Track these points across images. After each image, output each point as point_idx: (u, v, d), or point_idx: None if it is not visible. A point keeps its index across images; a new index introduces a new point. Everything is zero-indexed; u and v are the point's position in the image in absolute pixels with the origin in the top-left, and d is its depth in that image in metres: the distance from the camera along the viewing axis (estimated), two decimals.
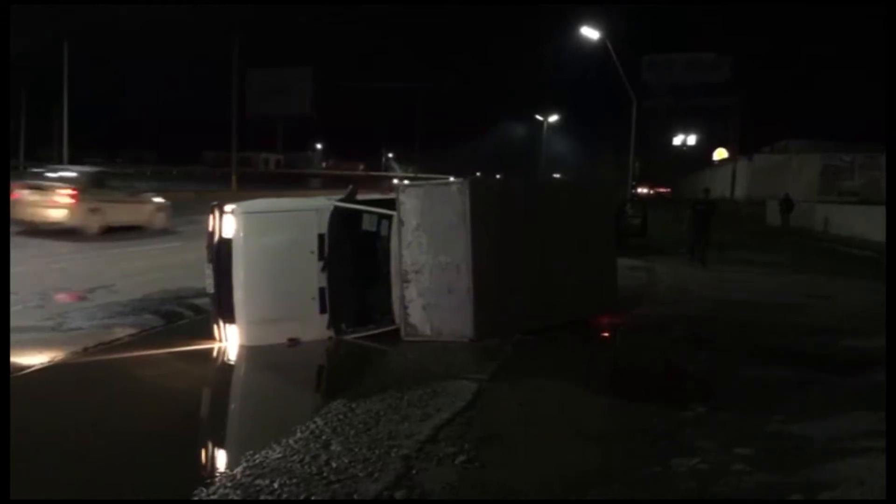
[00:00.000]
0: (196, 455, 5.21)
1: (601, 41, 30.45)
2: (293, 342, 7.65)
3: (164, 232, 17.97)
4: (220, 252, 7.63)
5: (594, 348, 8.32)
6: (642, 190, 41.17)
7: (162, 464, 4.84)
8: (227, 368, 7.35)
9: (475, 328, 7.62)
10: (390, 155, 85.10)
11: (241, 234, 7.54)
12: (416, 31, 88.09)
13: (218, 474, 4.48)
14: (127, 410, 5.84)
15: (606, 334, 8.87)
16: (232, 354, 7.47)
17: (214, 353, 7.54)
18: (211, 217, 7.81)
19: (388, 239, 8.03)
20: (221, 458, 5.07)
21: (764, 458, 4.69)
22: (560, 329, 8.19)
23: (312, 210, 8.02)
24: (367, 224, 8.19)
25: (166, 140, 66.88)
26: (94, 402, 6.07)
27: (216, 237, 7.68)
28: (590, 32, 30.58)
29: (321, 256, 7.78)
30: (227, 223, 7.61)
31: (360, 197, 8.44)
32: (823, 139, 40.67)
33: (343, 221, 7.98)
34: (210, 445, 5.43)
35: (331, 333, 7.88)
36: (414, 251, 7.75)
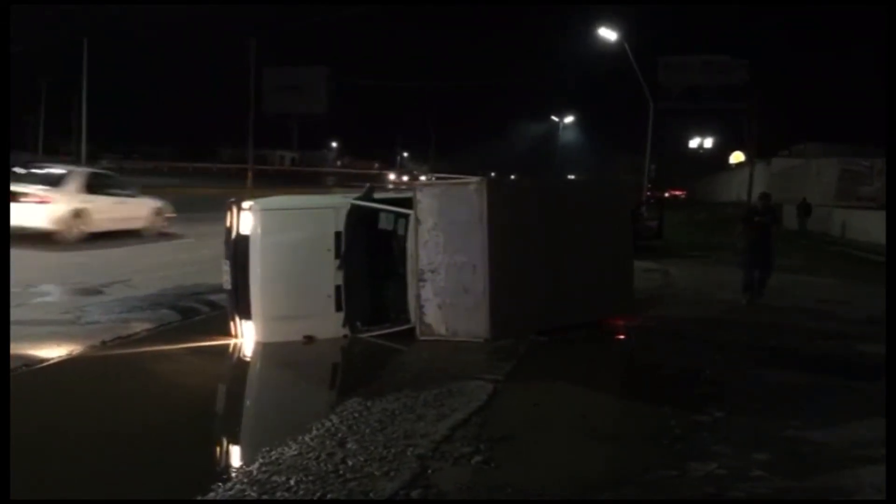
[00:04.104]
0: (212, 451, 5.26)
1: (618, 42, 30.38)
2: (309, 339, 7.67)
3: (168, 233, 16.97)
4: (238, 248, 7.65)
5: (609, 350, 8.29)
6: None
7: (178, 459, 4.88)
8: (243, 365, 7.39)
9: (491, 328, 7.62)
10: (405, 154, 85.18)
11: (259, 231, 7.57)
12: (431, 31, 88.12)
13: (234, 470, 4.50)
14: (144, 405, 5.89)
15: (621, 336, 8.83)
16: (248, 351, 7.51)
17: (231, 349, 7.58)
18: (228, 213, 7.84)
19: (404, 238, 8.03)
20: (238, 455, 5.10)
21: (782, 463, 4.66)
22: (575, 330, 8.17)
23: (329, 208, 8.04)
24: (384, 222, 8.19)
25: (183, 136, 67.36)
26: (111, 395, 6.12)
27: (234, 233, 7.71)
28: (607, 33, 30.51)
29: (338, 254, 7.80)
30: (245, 220, 7.63)
31: (377, 195, 8.46)
32: (841, 143, 40.35)
33: (360, 219, 7.99)
34: (226, 441, 5.46)
35: (346, 331, 7.90)
36: (430, 250, 7.75)
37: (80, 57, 40.64)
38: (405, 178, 67.95)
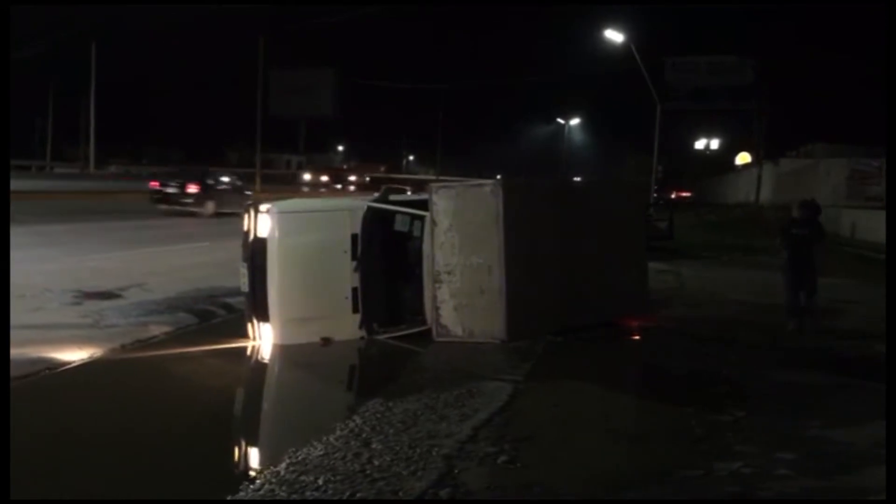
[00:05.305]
0: (238, 451, 5.31)
1: (625, 44, 30.41)
2: (326, 341, 7.70)
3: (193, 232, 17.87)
4: (255, 251, 7.69)
5: (626, 350, 8.29)
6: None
7: (205, 460, 4.92)
8: (262, 367, 7.43)
9: (507, 329, 7.63)
10: (411, 157, 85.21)
11: (276, 234, 7.60)
12: (437, 33, 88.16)
13: (262, 471, 4.51)
14: (166, 406, 5.92)
15: (637, 336, 8.82)
16: (266, 353, 7.54)
17: (249, 352, 7.62)
18: (246, 216, 7.90)
19: (420, 239, 8.05)
20: (264, 455, 5.09)
21: (807, 463, 4.66)
22: (590, 330, 8.17)
23: (346, 210, 8.08)
24: (400, 224, 8.21)
25: (190, 140, 67.40)
26: (133, 397, 6.17)
27: (251, 236, 7.76)
28: (614, 35, 30.56)
29: (354, 256, 7.83)
30: (262, 222, 7.68)
31: (393, 197, 8.49)
32: (850, 143, 40.19)
33: (376, 221, 8.03)
34: (251, 442, 5.49)
35: (363, 333, 7.93)
36: (446, 252, 7.77)
37: (87, 60, 40.83)
38: (324, 178, 61.17)
